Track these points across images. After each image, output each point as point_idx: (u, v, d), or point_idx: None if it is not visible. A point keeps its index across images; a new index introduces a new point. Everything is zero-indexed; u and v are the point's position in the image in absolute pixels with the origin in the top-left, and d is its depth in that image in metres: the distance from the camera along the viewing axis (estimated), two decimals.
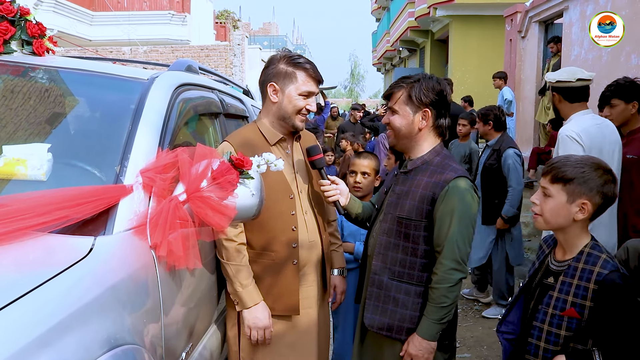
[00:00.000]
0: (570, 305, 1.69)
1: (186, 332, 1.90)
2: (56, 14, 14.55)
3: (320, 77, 2.26)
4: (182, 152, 1.78)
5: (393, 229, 2.08)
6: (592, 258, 1.71)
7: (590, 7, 7.45)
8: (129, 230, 1.63)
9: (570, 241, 1.78)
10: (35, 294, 1.22)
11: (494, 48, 12.85)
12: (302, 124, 2.27)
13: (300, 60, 2.23)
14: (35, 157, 1.68)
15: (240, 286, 2.10)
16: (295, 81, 2.20)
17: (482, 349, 4.10)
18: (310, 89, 2.22)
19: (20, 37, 2.12)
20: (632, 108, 3.22)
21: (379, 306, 2.10)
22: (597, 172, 1.72)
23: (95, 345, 1.29)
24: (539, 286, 1.84)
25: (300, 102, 2.21)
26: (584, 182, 1.70)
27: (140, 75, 2.15)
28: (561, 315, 1.71)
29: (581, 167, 1.72)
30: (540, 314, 1.77)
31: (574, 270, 1.72)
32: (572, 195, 1.72)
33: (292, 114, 2.22)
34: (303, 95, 2.21)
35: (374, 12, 33.56)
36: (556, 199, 1.75)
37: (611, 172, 1.74)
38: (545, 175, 1.79)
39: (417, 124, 2.07)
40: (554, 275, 1.79)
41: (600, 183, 1.71)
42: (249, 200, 1.79)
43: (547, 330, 1.74)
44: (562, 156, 1.86)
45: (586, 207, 1.71)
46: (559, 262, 1.80)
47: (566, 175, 1.72)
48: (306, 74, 2.21)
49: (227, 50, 17.38)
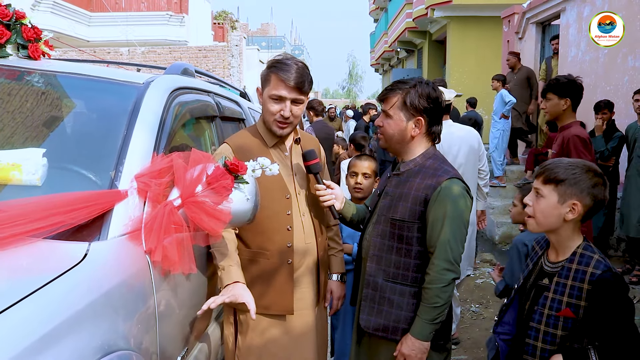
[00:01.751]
0: (565, 305, 1.73)
1: (181, 337, 1.90)
2: (54, 15, 14.53)
3: (297, 81, 2.13)
4: (177, 157, 1.78)
5: (387, 230, 2.09)
6: (585, 259, 1.74)
7: (587, 9, 7.47)
8: (123, 235, 1.63)
9: (563, 242, 1.81)
10: (29, 300, 1.22)
11: (491, 49, 12.86)
12: (279, 130, 2.20)
13: (277, 64, 2.17)
14: (30, 162, 1.68)
15: (222, 268, 2.06)
16: (268, 85, 2.19)
17: (479, 350, 4.10)
18: (279, 93, 2.14)
19: (15, 41, 2.12)
20: (564, 104, 3.36)
21: (374, 307, 2.11)
22: (588, 174, 1.76)
23: (89, 351, 1.29)
24: (534, 287, 1.88)
25: (271, 106, 2.17)
26: (574, 183, 1.75)
27: (136, 79, 2.15)
28: (557, 315, 1.75)
29: (572, 169, 1.76)
30: (536, 315, 1.80)
31: (568, 271, 1.76)
32: (563, 196, 1.76)
33: (268, 118, 2.21)
34: (273, 99, 2.17)
35: (372, 13, 33.55)
36: (548, 200, 1.79)
37: (602, 175, 1.78)
38: (538, 176, 1.83)
39: (409, 132, 2.09)
40: (548, 276, 1.83)
41: (591, 185, 1.75)
42: (243, 205, 1.79)
43: (543, 331, 1.78)
44: (556, 159, 1.91)
45: (576, 208, 1.75)
46: (553, 263, 1.84)
47: (558, 177, 1.77)
48: (276, 77, 2.15)
49: (225, 51, 17.37)
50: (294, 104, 2.18)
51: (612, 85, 6.84)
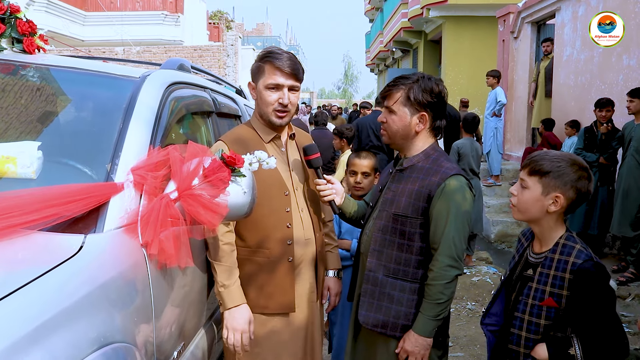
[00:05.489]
0: (548, 295, 1.76)
1: (178, 330, 1.89)
2: (48, 14, 14.48)
3: (292, 68, 2.14)
4: (174, 150, 1.77)
5: (388, 226, 2.08)
6: (567, 249, 1.77)
7: (582, 8, 7.49)
8: (119, 228, 1.62)
9: (546, 233, 1.84)
10: (23, 291, 1.21)
11: (486, 49, 12.90)
12: (278, 120, 2.19)
13: (269, 55, 2.16)
14: (25, 155, 1.66)
15: (222, 286, 2.08)
16: (263, 75, 2.17)
17: (475, 347, 4.11)
18: (276, 81, 2.14)
19: (10, 35, 2.11)
20: None
21: (374, 303, 2.10)
22: (573, 167, 1.77)
23: (85, 344, 1.28)
24: (520, 279, 1.90)
25: (268, 96, 2.16)
26: (559, 176, 1.76)
27: (132, 74, 2.14)
28: (540, 305, 1.77)
29: (558, 162, 1.78)
30: (521, 305, 1.83)
31: (550, 261, 1.78)
32: (547, 187, 1.78)
33: (265, 109, 2.19)
34: (269, 87, 2.16)
35: (367, 13, 33.58)
36: (532, 191, 1.81)
37: (587, 169, 1.80)
38: (524, 168, 1.86)
39: (414, 127, 2.08)
40: (533, 267, 1.85)
41: (575, 178, 1.76)
42: (240, 199, 1.78)
43: (527, 320, 1.80)
44: (543, 151, 1.93)
45: (559, 201, 1.77)
46: (537, 254, 1.86)
47: (543, 169, 1.78)
48: (271, 65, 2.14)
49: (220, 51, 17.36)
50: (291, 91, 2.18)
51: (607, 84, 6.86)
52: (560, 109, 8.07)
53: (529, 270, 1.87)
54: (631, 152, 5.43)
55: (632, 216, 5.36)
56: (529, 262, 1.89)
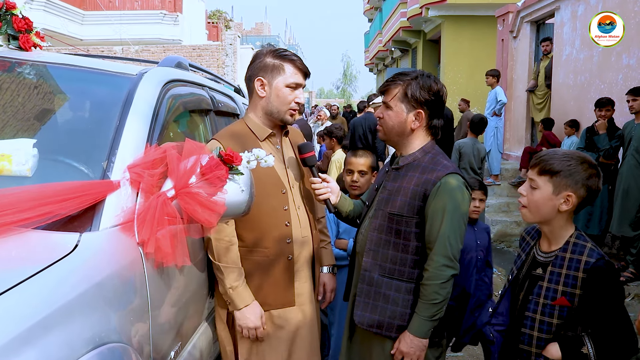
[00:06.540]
0: (560, 294, 1.74)
1: (175, 330, 1.87)
2: (46, 13, 14.44)
3: (307, 70, 2.25)
4: (171, 148, 1.75)
5: (384, 225, 2.06)
6: (579, 247, 1.76)
7: (581, 7, 7.48)
8: (115, 226, 1.60)
9: (556, 232, 1.82)
10: (17, 290, 1.19)
11: (486, 48, 12.90)
12: (291, 118, 2.24)
13: (287, 53, 2.24)
14: (20, 153, 1.65)
15: (230, 288, 2.08)
16: (283, 73, 2.18)
17: (475, 347, 4.09)
18: (298, 80, 2.21)
19: (6, 32, 2.09)
20: None
21: (369, 303, 2.08)
22: (583, 165, 1.76)
23: (79, 343, 1.26)
24: (528, 278, 1.89)
25: (288, 94, 2.19)
26: (569, 174, 1.75)
27: (129, 71, 2.12)
28: (552, 304, 1.76)
29: (568, 161, 1.77)
30: (531, 304, 1.82)
31: (562, 260, 1.77)
32: (557, 187, 1.77)
33: (280, 107, 2.20)
34: (291, 87, 2.20)
35: (366, 13, 33.55)
36: (542, 191, 1.79)
37: (596, 166, 1.79)
38: (533, 167, 1.84)
39: (409, 124, 2.06)
40: (542, 266, 1.84)
41: (585, 176, 1.75)
42: (238, 197, 1.77)
43: (539, 320, 1.79)
44: (551, 150, 1.91)
45: (571, 199, 1.76)
46: (546, 253, 1.85)
47: (553, 168, 1.77)
48: (293, 65, 2.20)
49: (219, 50, 17.33)
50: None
51: (607, 84, 6.85)
52: (560, 109, 8.06)
53: (538, 269, 1.85)
54: (631, 152, 5.42)
55: (632, 216, 5.35)
56: (537, 261, 1.87)
